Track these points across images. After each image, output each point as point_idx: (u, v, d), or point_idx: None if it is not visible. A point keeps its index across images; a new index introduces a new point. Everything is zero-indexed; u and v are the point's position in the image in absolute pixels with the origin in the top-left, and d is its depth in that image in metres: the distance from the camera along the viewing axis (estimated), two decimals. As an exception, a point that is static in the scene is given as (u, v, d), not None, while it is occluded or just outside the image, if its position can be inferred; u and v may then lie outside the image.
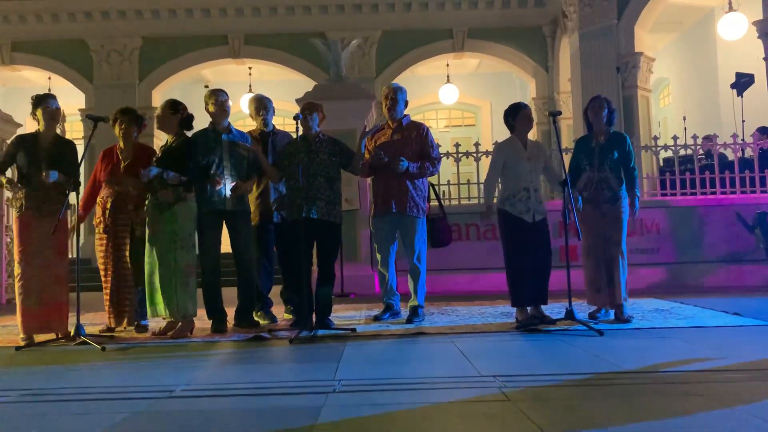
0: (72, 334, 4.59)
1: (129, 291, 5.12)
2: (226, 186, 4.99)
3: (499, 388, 2.96)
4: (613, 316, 5.06)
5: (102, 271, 5.15)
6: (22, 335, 4.72)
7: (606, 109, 5.12)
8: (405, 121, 5.49)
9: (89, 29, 12.75)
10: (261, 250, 5.46)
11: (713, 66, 11.68)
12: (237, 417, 2.69)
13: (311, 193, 4.90)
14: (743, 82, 9.63)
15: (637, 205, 5.09)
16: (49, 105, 4.85)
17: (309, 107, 5.10)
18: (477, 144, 8.59)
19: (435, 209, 5.63)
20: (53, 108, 4.87)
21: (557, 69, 12.80)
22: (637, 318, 5.08)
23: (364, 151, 5.29)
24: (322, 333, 4.74)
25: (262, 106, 5.63)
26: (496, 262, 5.77)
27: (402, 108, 5.47)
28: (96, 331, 5.04)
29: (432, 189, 5.64)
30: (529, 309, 4.96)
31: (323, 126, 5.19)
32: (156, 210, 4.87)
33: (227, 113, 5.18)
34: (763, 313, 5.12)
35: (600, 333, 4.38)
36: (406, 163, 5.22)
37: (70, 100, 12.41)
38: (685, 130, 8.52)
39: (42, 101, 4.85)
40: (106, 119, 4.96)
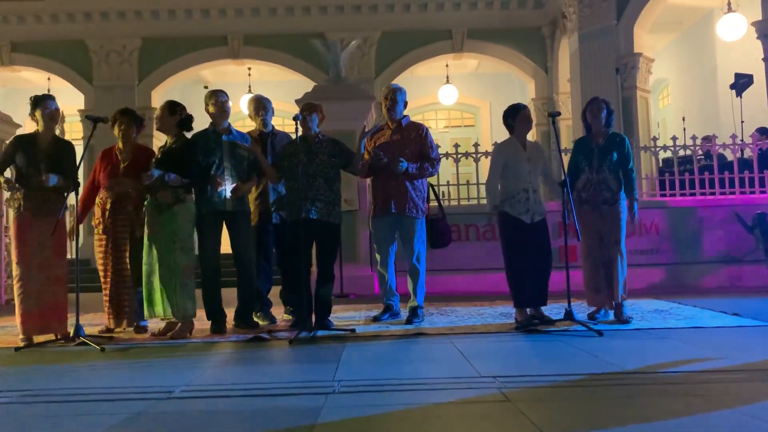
0: (71, 335, 4.59)
1: (128, 292, 5.11)
2: (226, 187, 5.00)
3: (499, 388, 2.96)
4: (613, 316, 5.07)
5: (101, 272, 5.15)
6: (21, 336, 4.72)
7: (605, 111, 5.12)
8: (404, 122, 5.49)
9: (88, 30, 12.74)
10: (260, 250, 5.46)
11: (712, 67, 11.69)
12: (236, 418, 2.68)
13: (310, 194, 4.90)
14: (742, 82, 9.63)
15: (636, 208, 5.09)
16: (48, 106, 4.84)
17: (308, 108, 5.10)
18: (476, 144, 8.59)
19: (434, 210, 5.62)
20: (52, 109, 4.86)
21: (556, 70, 12.80)
22: (637, 318, 5.08)
23: (363, 152, 5.29)
24: (321, 334, 4.74)
25: (261, 106, 5.63)
26: (495, 262, 5.77)
27: (401, 108, 5.47)
28: (95, 332, 5.03)
29: (431, 189, 5.64)
30: (529, 310, 4.96)
31: (323, 126, 5.19)
32: (155, 211, 4.86)
33: (227, 114, 5.18)
34: (763, 314, 5.12)
35: (599, 333, 4.38)
36: (405, 164, 5.22)
37: (69, 100, 12.40)
38: (684, 130, 8.52)
39: (41, 102, 4.85)
40: (105, 120, 4.95)
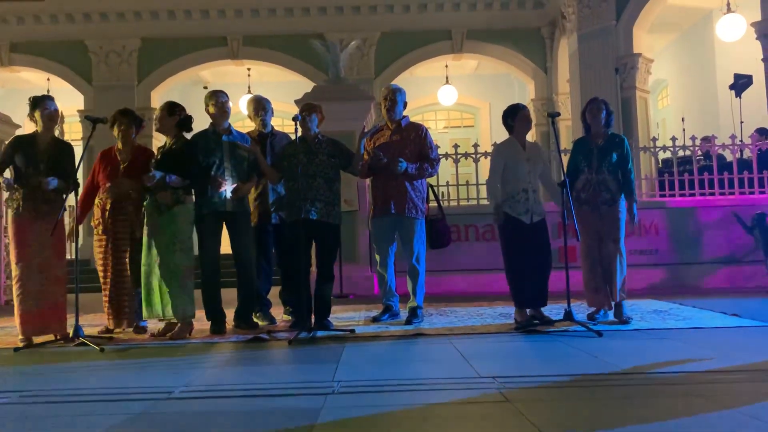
0: (70, 335, 4.59)
1: (128, 292, 5.09)
2: (226, 187, 4.99)
3: (498, 389, 2.96)
4: (613, 316, 5.07)
5: (101, 273, 5.13)
6: (20, 336, 4.71)
7: (604, 111, 5.12)
8: (404, 122, 5.49)
9: (88, 30, 12.75)
10: (260, 251, 5.45)
11: (712, 67, 11.70)
12: (236, 418, 2.68)
13: (310, 194, 4.90)
14: (741, 83, 9.64)
15: (636, 209, 5.08)
16: (48, 107, 4.83)
17: (308, 108, 5.10)
18: (476, 145, 8.59)
19: (434, 210, 5.62)
20: (51, 110, 4.85)
21: (556, 70, 12.81)
22: (636, 319, 5.08)
23: (363, 152, 5.29)
24: (321, 334, 4.73)
25: (260, 107, 5.63)
26: (495, 263, 5.77)
27: (401, 109, 5.47)
28: (94, 333, 5.03)
29: (431, 190, 5.64)
30: (528, 310, 4.96)
31: (322, 127, 5.19)
32: (155, 212, 4.86)
33: (227, 114, 5.18)
34: (762, 314, 5.12)
35: (599, 334, 4.38)
36: (404, 164, 5.22)
37: (68, 101, 12.39)
38: (684, 131, 8.52)
39: (40, 103, 4.83)
40: (104, 120, 4.94)
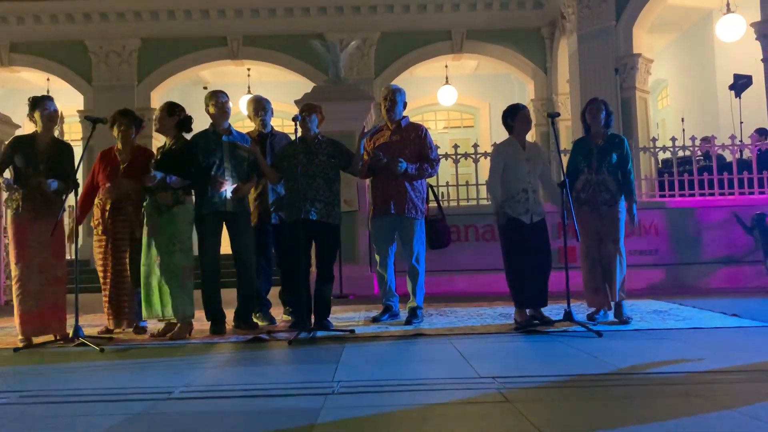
0: (70, 335, 4.59)
1: (128, 293, 5.09)
2: (227, 187, 4.98)
3: (498, 389, 2.96)
4: (613, 316, 5.07)
5: (101, 273, 5.13)
6: (20, 337, 4.70)
7: (604, 111, 5.12)
8: (404, 123, 5.49)
9: (88, 30, 12.75)
10: (259, 251, 5.45)
11: (711, 67, 11.70)
12: (236, 418, 2.68)
13: (310, 195, 4.90)
14: (741, 83, 9.64)
15: (636, 210, 5.08)
16: (47, 107, 4.82)
17: (308, 108, 5.10)
18: (476, 145, 8.59)
19: (434, 210, 5.62)
20: (51, 110, 4.84)
21: (556, 70, 12.81)
22: (636, 319, 5.08)
23: (362, 153, 5.28)
24: (320, 334, 4.73)
25: (260, 107, 5.62)
26: (494, 263, 5.77)
27: (401, 109, 5.47)
28: (94, 333, 5.02)
29: (431, 190, 5.64)
30: (528, 310, 4.96)
31: (322, 127, 5.18)
32: (155, 212, 4.86)
33: (228, 115, 5.18)
34: (762, 315, 5.12)
35: (598, 334, 4.38)
36: (404, 165, 5.22)
37: (68, 101, 12.38)
38: (684, 131, 8.53)
39: (39, 103, 4.83)
40: (104, 121, 4.93)
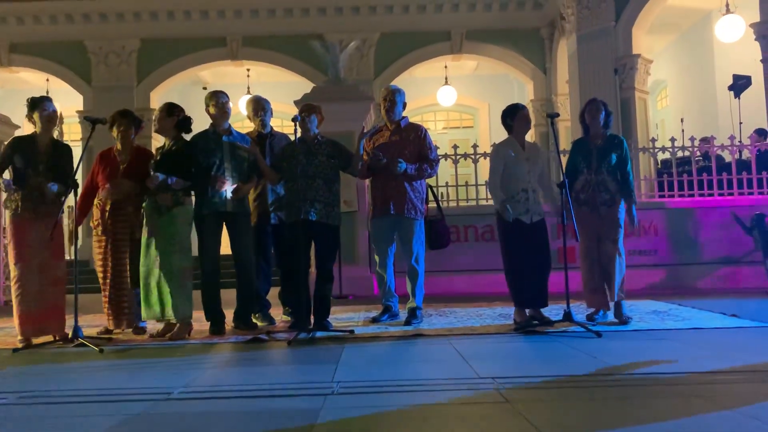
0: (69, 336, 4.59)
1: (128, 293, 5.08)
2: (227, 187, 4.98)
3: (497, 389, 2.96)
4: (612, 317, 5.07)
5: (101, 274, 5.12)
6: (19, 337, 4.70)
7: (603, 112, 5.12)
8: (403, 123, 5.49)
9: (87, 31, 12.75)
10: (259, 251, 5.45)
11: (711, 68, 11.71)
12: (235, 419, 2.68)
13: (310, 195, 4.90)
14: (740, 84, 9.66)
15: (635, 211, 5.08)
16: (46, 108, 4.82)
17: (307, 109, 5.10)
18: (475, 146, 8.59)
19: (433, 211, 5.62)
20: (50, 111, 4.84)
21: (555, 71, 12.82)
22: (635, 319, 5.08)
23: (362, 153, 5.29)
24: (320, 335, 4.73)
25: (260, 107, 5.62)
26: (494, 263, 5.77)
27: (400, 110, 5.47)
28: (94, 333, 5.02)
29: (430, 191, 5.64)
30: (528, 311, 4.96)
31: (322, 128, 5.18)
32: (154, 213, 4.86)
33: (228, 115, 5.18)
34: (761, 315, 5.13)
35: (598, 335, 4.38)
36: (404, 165, 5.22)
37: (67, 101, 12.38)
38: (683, 131, 8.53)
39: (38, 104, 4.82)
40: (103, 121, 4.93)
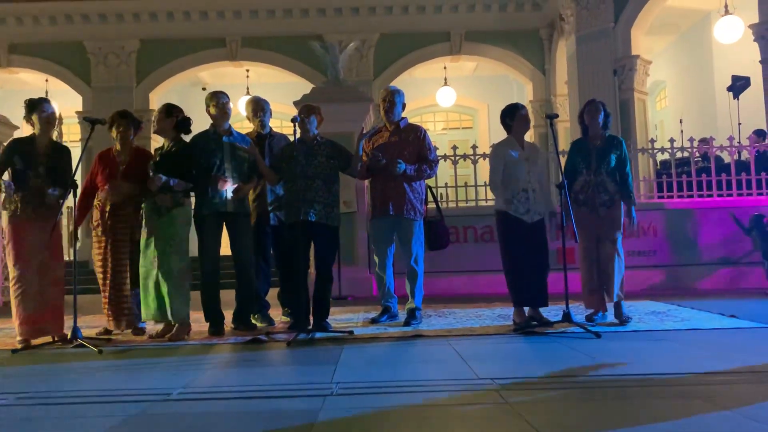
0: (69, 336, 4.59)
1: (127, 294, 5.08)
2: (227, 188, 4.98)
3: (497, 390, 2.96)
4: (612, 317, 5.07)
5: (100, 274, 5.11)
6: (18, 338, 4.70)
7: (602, 113, 5.12)
8: (402, 124, 5.49)
9: (87, 32, 12.74)
10: (258, 252, 5.45)
11: (710, 69, 11.72)
12: (234, 420, 2.68)
13: (309, 196, 4.90)
14: (739, 85, 9.66)
15: (634, 212, 5.09)
16: (45, 109, 4.82)
17: (307, 110, 5.10)
18: (474, 146, 8.60)
19: (432, 212, 5.62)
20: (49, 113, 4.84)
21: (554, 72, 12.82)
22: (634, 320, 5.09)
23: (361, 154, 5.29)
24: (319, 336, 4.73)
25: (259, 108, 5.62)
26: (493, 264, 5.77)
27: (399, 110, 5.47)
28: (93, 334, 5.02)
29: (429, 191, 5.64)
30: (527, 311, 4.97)
31: (321, 128, 5.19)
32: (154, 214, 4.86)
33: (228, 115, 5.18)
34: (760, 316, 5.13)
35: (597, 335, 4.38)
36: (403, 166, 5.22)
37: (67, 102, 12.40)
38: (682, 132, 8.54)
39: (37, 106, 4.82)
40: (103, 122, 4.93)
